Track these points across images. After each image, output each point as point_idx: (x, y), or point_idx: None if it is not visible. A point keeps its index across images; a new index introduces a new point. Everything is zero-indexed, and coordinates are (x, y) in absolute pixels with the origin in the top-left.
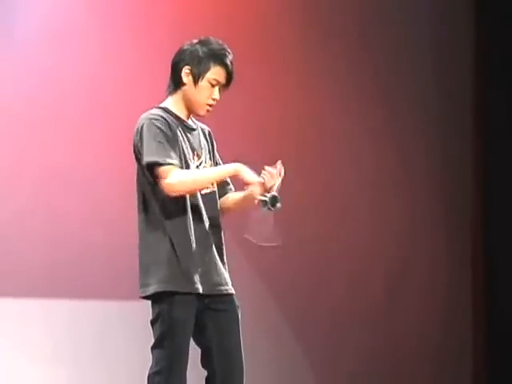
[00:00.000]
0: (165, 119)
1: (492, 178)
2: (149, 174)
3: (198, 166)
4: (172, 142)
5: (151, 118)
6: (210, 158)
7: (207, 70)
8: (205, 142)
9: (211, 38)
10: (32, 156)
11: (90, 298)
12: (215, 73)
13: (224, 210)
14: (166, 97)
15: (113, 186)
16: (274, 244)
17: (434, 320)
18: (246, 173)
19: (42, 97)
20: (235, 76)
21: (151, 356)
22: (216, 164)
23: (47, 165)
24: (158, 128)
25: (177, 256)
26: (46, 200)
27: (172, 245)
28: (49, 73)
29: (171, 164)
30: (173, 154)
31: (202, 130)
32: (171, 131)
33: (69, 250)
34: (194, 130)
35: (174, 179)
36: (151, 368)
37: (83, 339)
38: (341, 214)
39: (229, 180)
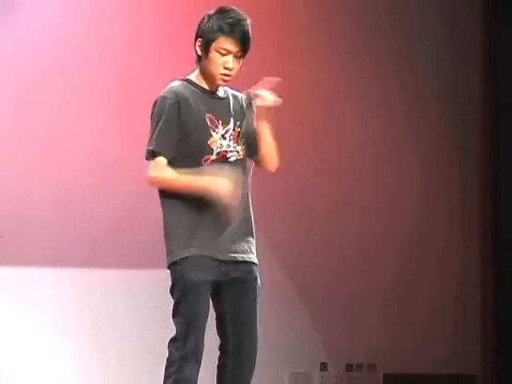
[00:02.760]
0: (177, 95)
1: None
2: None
3: (223, 135)
4: (175, 122)
5: (163, 96)
6: (243, 123)
7: (213, 39)
8: (237, 108)
9: (226, 7)
10: (42, 128)
11: (108, 267)
12: (223, 42)
13: (267, 159)
14: (195, 69)
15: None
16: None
17: (448, 294)
18: (217, 190)
19: (50, 64)
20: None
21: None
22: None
23: (56, 136)
24: (166, 108)
25: (189, 223)
26: (56, 171)
27: (185, 212)
28: (56, 37)
29: (160, 154)
30: (169, 140)
31: (235, 97)
32: (180, 108)
33: (80, 219)
34: (221, 98)
35: (154, 174)
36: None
37: (98, 308)
38: (357, 190)
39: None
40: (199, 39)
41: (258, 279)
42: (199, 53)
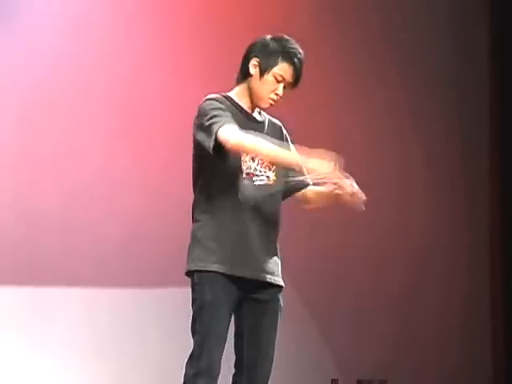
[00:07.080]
0: (221, 102)
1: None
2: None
3: (253, 157)
4: (228, 113)
5: (208, 98)
6: None
7: (274, 64)
8: (272, 135)
9: (285, 36)
10: (47, 146)
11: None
12: (282, 69)
13: (306, 202)
14: (233, 88)
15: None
16: None
17: (456, 307)
18: (314, 167)
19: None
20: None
21: None
22: None
23: (62, 154)
24: (216, 101)
25: (211, 238)
26: (61, 189)
27: (209, 227)
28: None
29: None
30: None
31: (272, 123)
32: (228, 109)
33: (86, 237)
34: (258, 122)
35: (233, 135)
36: None
37: (124, 327)
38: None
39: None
40: (256, 58)
41: (281, 301)
42: (252, 72)
